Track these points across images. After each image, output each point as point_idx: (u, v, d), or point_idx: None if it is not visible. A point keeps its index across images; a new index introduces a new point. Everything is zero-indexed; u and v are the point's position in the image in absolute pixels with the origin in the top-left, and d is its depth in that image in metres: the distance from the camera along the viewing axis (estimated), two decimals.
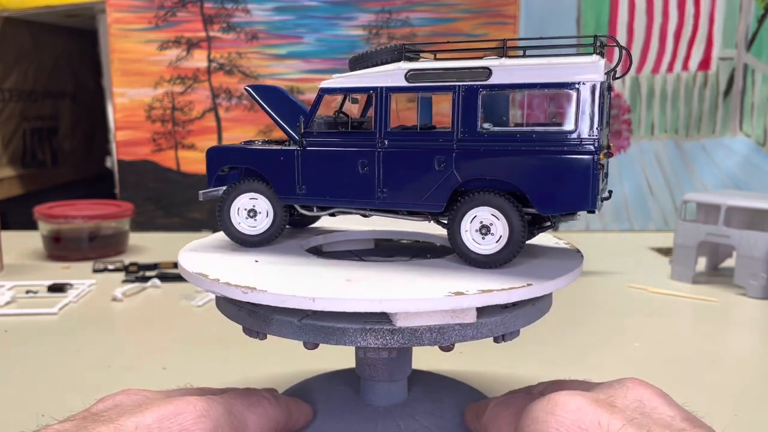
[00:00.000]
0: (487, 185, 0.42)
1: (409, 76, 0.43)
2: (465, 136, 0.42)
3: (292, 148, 0.47)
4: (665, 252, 1.14)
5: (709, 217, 0.93)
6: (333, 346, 0.39)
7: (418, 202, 0.44)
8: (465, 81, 0.42)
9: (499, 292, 0.38)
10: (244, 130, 1.39)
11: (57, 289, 0.91)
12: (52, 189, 1.71)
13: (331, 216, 0.50)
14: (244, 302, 0.41)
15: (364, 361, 0.47)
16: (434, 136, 0.44)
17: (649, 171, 1.40)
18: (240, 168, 0.51)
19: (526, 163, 0.41)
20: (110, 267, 1.02)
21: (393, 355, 0.44)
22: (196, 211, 1.41)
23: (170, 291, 0.92)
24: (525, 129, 0.41)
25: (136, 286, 0.93)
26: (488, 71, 0.41)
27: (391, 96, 0.44)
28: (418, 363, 0.51)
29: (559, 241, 0.52)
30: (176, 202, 1.41)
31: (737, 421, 0.55)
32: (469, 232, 0.43)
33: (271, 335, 0.41)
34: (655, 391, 0.37)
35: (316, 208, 0.49)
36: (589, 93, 0.39)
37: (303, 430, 0.46)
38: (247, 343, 0.46)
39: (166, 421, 0.35)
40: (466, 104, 0.42)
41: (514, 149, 0.41)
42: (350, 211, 0.48)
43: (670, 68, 1.37)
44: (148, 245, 1.20)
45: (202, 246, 0.51)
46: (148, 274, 0.98)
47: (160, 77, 1.38)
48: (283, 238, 0.51)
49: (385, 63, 0.45)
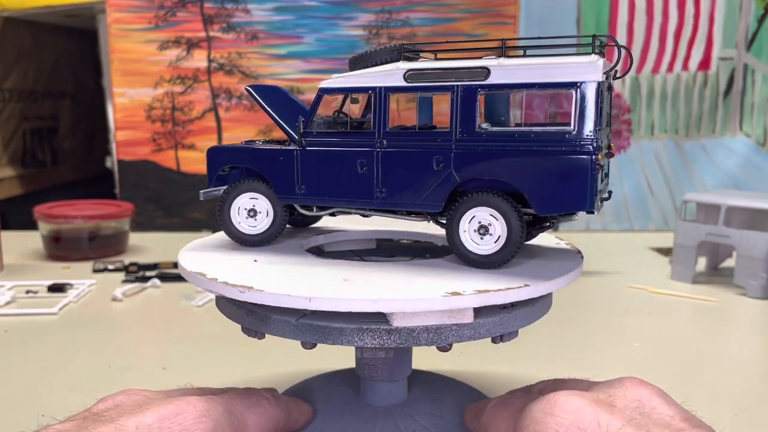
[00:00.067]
0: (486, 185, 0.42)
1: (408, 76, 0.43)
2: (463, 136, 0.42)
3: (291, 148, 0.47)
4: (665, 252, 1.14)
5: (709, 217, 0.93)
6: (333, 346, 0.39)
7: (417, 202, 0.44)
8: (463, 81, 0.42)
9: (496, 293, 0.38)
10: (244, 130, 1.39)
11: (57, 289, 0.91)
12: (52, 189, 1.71)
13: (332, 216, 0.50)
14: (243, 302, 0.41)
15: (363, 361, 0.47)
16: (433, 136, 0.43)
17: (649, 171, 1.39)
18: (240, 168, 0.52)
19: (525, 164, 0.41)
20: (110, 267, 1.02)
21: (390, 355, 0.44)
22: (196, 211, 1.41)
23: (170, 291, 0.92)
24: (523, 129, 0.41)
25: (136, 286, 0.93)
26: (487, 71, 0.41)
27: (391, 96, 0.44)
28: (418, 363, 0.51)
29: (560, 242, 0.52)
30: (176, 202, 1.41)
31: (737, 421, 0.55)
32: (467, 232, 0.43)
33: (269, 335, 0.41)
34: (655, 391, 0.37)
35: (315, 208, 0.49)
36: (588, 93, 0.39)
37: (303, 430, 0.46)
38: (247, 343, 0.46)
39: (167, 421, 0.35)
40: (465, 104, 0.42)
41: (513, 149, 0.41)
42: (349, 211, 0.48)
43: (670, 68, 1.36)
44: (148, 245, 1.20)
45: (202, 246, 0.51)
46: (148, 274, 0.98)
47: (160, 77, 1.38)
48: (283, 237, 0.51)
49: (384, 63, 0.45)
